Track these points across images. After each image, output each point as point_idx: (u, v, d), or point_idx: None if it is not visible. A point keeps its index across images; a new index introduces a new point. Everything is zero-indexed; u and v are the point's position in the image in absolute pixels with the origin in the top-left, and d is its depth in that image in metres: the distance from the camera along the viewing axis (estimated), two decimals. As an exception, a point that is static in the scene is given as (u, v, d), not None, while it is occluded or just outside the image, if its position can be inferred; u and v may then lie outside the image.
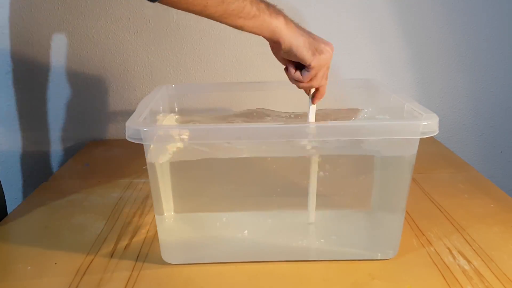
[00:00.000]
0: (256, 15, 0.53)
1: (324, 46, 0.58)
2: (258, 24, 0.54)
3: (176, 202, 0.62)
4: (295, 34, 0.56)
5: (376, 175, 0.62)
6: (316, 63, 0.58)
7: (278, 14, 0.55)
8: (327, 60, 0.59)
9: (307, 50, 0.57)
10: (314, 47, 0.57)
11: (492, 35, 1.07)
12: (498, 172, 1.19)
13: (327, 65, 0.61)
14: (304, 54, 0.57)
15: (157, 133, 0.52)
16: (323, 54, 0.58)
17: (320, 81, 0.62)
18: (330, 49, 0.59)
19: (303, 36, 0.57)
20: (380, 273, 0.57)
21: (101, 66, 1.07)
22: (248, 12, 0.52)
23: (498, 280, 0.55)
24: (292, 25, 0.57)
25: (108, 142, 1.09)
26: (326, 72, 0.62)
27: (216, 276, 0.57)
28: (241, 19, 0.52)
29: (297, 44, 0.56)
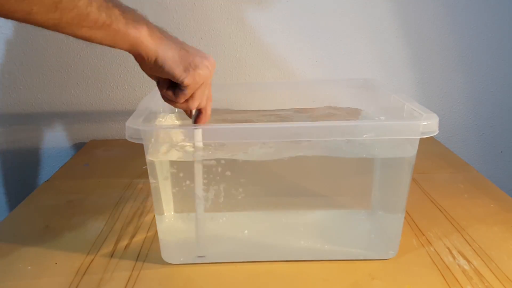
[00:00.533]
0: (106, 24, 0.42)
1: (200, 60, 0.49)
2: (111, 35, 0.43)
3: (176, 202, 0.62)
4: (162, 45, 0.47)
5: (376, 175, 0.63)
6: (190, 80, 0.49)
7: (138, 22, 0.45)
8: (205, 77, 0.50)
9: (177, 65, 0.48)
10: (187, 62, 0.49)
11: (492, 35, 1.07)
12: (498, 172, 1.19)
13: (206, 83, 0.52)
14: (173, 70, 0.48)
15: (157, 133, 0.52)
16: (199, 70, 0.49)
17: (199, 101, 0.53)
18: (209, 64, 0.51)
19: (172, 48, 0.48)
20: (380, 273, 0.57)
21: (101, 66, 1.07)
22: (94, 20, 0.41)
23: (498, 280, 0.55)
24: (158, 35, 0.47)
25: (108, 142, 1.09)
26: (206, 91, 0.53)
27: (216, 276, 0.57)
28: (85, 29, 0.42)
29: (163, 58, 0.47)
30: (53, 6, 0.38)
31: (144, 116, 0.56)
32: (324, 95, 0.79)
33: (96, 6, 0.41)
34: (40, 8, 0.38)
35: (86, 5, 0.40)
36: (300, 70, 1.08)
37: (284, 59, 1.07)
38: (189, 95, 0.51)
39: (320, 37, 1.06)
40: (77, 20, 0.41)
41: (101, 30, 0.43)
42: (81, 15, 0.40)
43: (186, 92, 0.50)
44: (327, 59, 1.08)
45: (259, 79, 1.08)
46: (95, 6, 0.41)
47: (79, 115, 1.11)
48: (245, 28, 1.04)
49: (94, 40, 0.44)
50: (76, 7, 0.39)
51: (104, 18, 0.42)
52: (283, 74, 1.08)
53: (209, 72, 0.51)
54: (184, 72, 0.48)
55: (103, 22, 0.42)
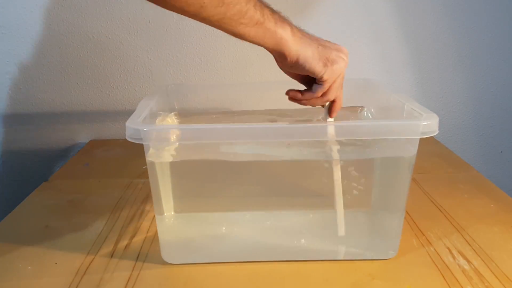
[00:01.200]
0: (259, 22, 0.46)
1: (336, 54, 0.52)
2: (261, 32, 0.47)
3: (176, 202, 0.62)
4: (303, 44, 0.50)
5: (376, 175, 0.62)
6: (328, 75, 0.51)
7: (283, 23, 0.49)
8: (341, 70, 0.53)
9: (317, 62, 0.50)
10: (325, 57, 0.51)
11: (492, 35, 1.07)
12: (498, 172, 1.19)
13: (342, 75, 0.54)
14: (314, 67, 0.50)
15: (157, 133, 0.52)
16: (336, 64, 0.51)
17: (335, 92, 0.55)
18: (344, 56, 0.53)
19: (311, 46, 0.51)
20: (380, 273, 0.57)
21: (101, 66, 1.07)
22: (251, 17, 0.45)
23: (498, 280, 0.55)
24: (299, 34, 0.50)
25: (108, 142, 1.09)
26: (341, 81, 0.55)
27: (216, 276, 0.57)
28: (242, 26, 0.45)
29: (305, 56, 0.50)
30: (220, 1, 0.43)
31: (144, 116, 0.56)
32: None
33: (253, 4, 0.45)
34: (211, 2, 0.42)
35: (246, 2, 0.44)
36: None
37: (284, 59, 1.07)
38: (326, 89, 0.54)
39: (320, 37, 1.06)
40: (238, 16, 0.45)
41: (255, 28, 0.46)
42: (242, 11, 0.44)
43: (325, 87, 0.53)
44: (327, 59, 1.08)
45: (259, 79, 1.08)
46: (252, 4, 0.45)
47: (79, 115, 1.11)
48: (245, 28, 1.04)
49: (248, 37, 0.47)
50: (239, 3, 0.44)
51: (258, 16, 0.46)
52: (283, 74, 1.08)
53: (345, 63, 0.53)
54: (323, 67, 0.51)
55: (258, 20, 0.46)
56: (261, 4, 0.46)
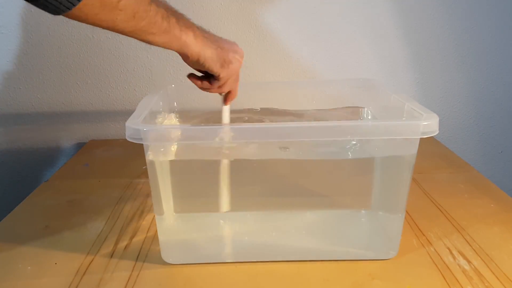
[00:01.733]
0: (166, 31, 0.52)
1: (233, 56, 0.59)
2: (168, 39, 0.53)
3: (176, 202, 0.62)
4: (203, 46, 0.56)
5: (376, 175, 0.63)
6: (224, 74, 0.59)
7: (187, 28, 0.55)
8: (236, 69, 0.61)
9: (215, 62, 0.58)
10: (222, 59, 0.58)
11: (492, 35, 1.07)
12: (498, 172, 1.19)
13: (237, 72, 0.62)
14: (212, 67, 0.58)
15: (157, 133, 0.52)
16: (232, 64, 0.59)
17: (230, 86, 0.63)
18: (240, 57, 0.60)
19: (211, 48, 0.57)
20: (380, 273, 0.57)
21: (101, 66, 1.07)
22: (159, 27, 0.51)
23: (498, 280, 0.55)
24: (200, 37, 0.56)
25: (108, 142, 1.09)
26: (236, 77, 0.63)
27: (216, 276, 0.57)
28: (151, 35, 0.51)
29: (204, 57, 0.56)
30: (131, 16, 0.47)
31: (144, 116, 0.56)
32: (324, 95, 0.79)
33: (160, 16, 0.50)
34: (123, 17, 0.47)
35: (154, 15, 0.49)
36: (300, 70, 1.08)
37: (284, 59, 1.07)
38: (222, 83, 0.61)
39: (321, 37, 1.06)
40: (147, 28, 0.50)
41: (162, 36, 0.52)
42: (151, 23, 0.50)
43: (221, 82, 0.61)
44: (327, 59, 1.08)
45: (259, 79, 1.08)
46: (159, 16, 0.50)
47: (79, 115, 1.11)
48: (245, 28, 1.04)
49: (157, 43, 0.53)
50: (148, 16, 0.49)
51: (165, 25, 0.51)
52: (283, 74, 1.08)
53: (239, 64, 0.61)
54: (221, 68, 0.58)
55: (165, 29, 0.51)
56: (167, 14, 0.52)
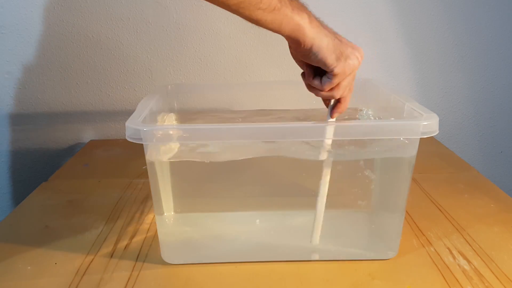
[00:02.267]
0: (277, 8, 0.46)
1: (351, 51, 0.51)
2: (278, 19, 0.46)
3: (176, 202, 0.62)
4: (319, 34, 0.49)
5: (376, 175, 0.62)
6: (340, 69, 0.51)
7: (301, 10, 0.48)
8: (354, 68, 0.52)
9: (331, 54, 0.49)
10: (339, 51, 0.50)
11: (492, 35, 1.07)
12: (498, 172, 1.19)
13: (353, 74, 0.53)
14: (326, 58, 0.49)
15: (157, 133, 0.52)
16: (350, 60, 0.51)
17: (343, 91, 0.54)
18: (359, 55, 0.52)
19: (328, 36, 0.50)
20: (380, 273, 0.57)
21: (101, 66, 1.07)
22: (269, 3, 0.45)
23: (498, 280, 0.55)
24: (316, 23, 0.50)
25: (108, 142, 1.09)
26: (351, 82, 0.54)
27: (216, 276, 0.57)
28: (259, 11, 0.45)
29: (319, 45, 0.49)
30: None
31: (144, 116, 0.56)
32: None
33: None
34: None
35: None
36: (300, 70, 1.08)
37: (284, 59, 1.07)
38: (335, 84, 0.52)
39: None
40: (256, 1, 0.44)
41: (272, 13, 0.46)
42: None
43: (334, 81, 0.52)
44: (327, 59, 1.08)
45: (259, 79, 1.08)
46: None
47: (79, 115, 1.11)
48: (245, 28, 1.04)
49: (265, 22, 0.47)
50: None
51: (276, 2, 0.46)
52: (283, 74, 1.08)
53: (358, 63, 0.52)
54: (336, 61, 0.50)
55: (275, 6, 0.46)
56: None
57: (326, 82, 0.52)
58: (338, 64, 0.50)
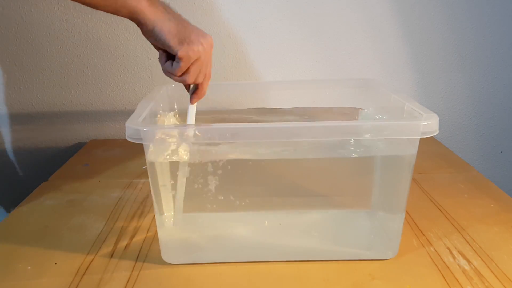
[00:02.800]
0: None
1: (196, 37, 0.53)
2: (111, 3, 0.48)
3: (176, 202, 0.62)
4: (162, 18, 0.51)
5: (376, 175, 0.62)
6: (183, 53, 0.52)
7: None
8: (199, 53, 0.54)
9: (173, 36, 0.51)
10: (182, 36, 0.52)
11: (492, 35, 1.07)
12: (498, 172, 1.19)
13: (203, 60, 0.55)
14: (169, 40, 0.52)
15: (157, 133, 0.52)
16: (193, 45, 0.52)
17: (195, 77, 0.56)
18: (205, 41, 0.54)
19: (172, 21, 0.52)
20: (380, 273, 0.57)
21: (101, 66, 1.07)
22: None
23: (498, 280, 0.55)
24: (160, 8, 0.51)
25: (108, 142, 1.09)
26: (204, 68, 0.57)
27: (216, 276, 0.57)
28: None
29: (161, 27, 0.51)
30: None
31: (144, 116, 0.56)
32: (324, 95, 0.79)
33: None
34: None
35: None
36: (300, 70, 1.08)
37: (284, 59, 1.07)
38: (184, 69, 0.54)
39: (321, 37, 1.06)
40: None
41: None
42: None
43: (181, 65, 0.54)
44: (327, 59, 1.08)
45: (259, 79, 1.08)
46: None
47: (79, 115, 1.11)
48: (245, 28, 1.04)
49: (98, 7, 0.48)
50: None
51: None
52: (283, 74, 1.08)
53: (204, 49, 0.54)
54: (179, 44, 0.52)
55: None
56: None
57: (175, 66, 0.54)
58: (181, 48, 0.52)
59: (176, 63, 0.54)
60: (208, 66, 0.57)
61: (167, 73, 0.57)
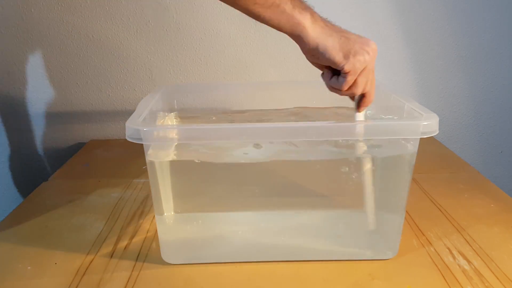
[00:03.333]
0: (275, 5, 0.46)
1: (360, 47, 0.51)
2: (277, 15, 0.46)
3: (176, 202, 0.62)
4: (323, 33, 0.49)
5: (376, 175, 0.62)
6: (350, 67, 0.51)
7: (303, 9, 0.48)
8: (366, 63, 0.52)
9: (337, 52, 0.50)
10: (346, 49, 0.50)
11: (492, 35, 1.07)
12: (498, 172, 1.19)
13: (368, 69, 0.53)
14: (334, 57, 0.50)
15: (157, 133, 0.52)
16: (359, 56, 0.51)
17: (362, 87, 0.54)
18: (370, 49, 0.52)
19: (333, 36, 0.50)
20: (380, 273, 0.57)
21: (101, 66, 1.07)
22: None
23: (498, 280, 0.55)
24: (321, 23, 0.50)
25: (108, 142, 1.09)
26: (370, 76, 0.55)
27: (216, 276, 0.57)
28: (256, 6, 0.45)
29: (324, 45, 0.49)
30: None
31: (144, 116, 0.56)
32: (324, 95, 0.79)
33: None
34: None
35: None
36: (300, 70, 1.08)
37: (284, 59, 1.07)
38: (351, 82, 0.53)
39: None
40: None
41: (270, 10, 0.46)
42: None
43: (348, 79, 0.52)
44: (327, 59, 1.08)
45: (259, 79, 1.08)
46: None
47: (79, 115, 1.11)
48: (245, 28, 1.04)
49: (263, 19, 0.47)
50: None
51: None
52: (283, 74, 1.08)
53: (370, 57, 0.52)
54: (344, 59, 0.50)
55: (273, 2, 0.46)
56: None
57: (342, 81, 0.52)
58: (347, 62, 0.50)
59: (342, 78, 0.52)
60: (373, 73, 0.56)
61: (333, 89, 0.55)
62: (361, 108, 0.58)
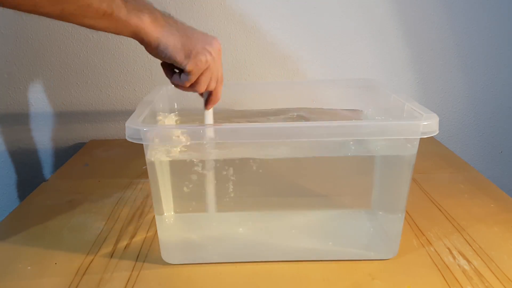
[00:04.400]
0: (107, 14, 0.44)
1: (202, 47, 0.51)
2: (113, 23, 0.45)
3: (176, 202, 0.62)
4: (164, 33, 0.49)
5: (376, 175, 0.62)
6: (191, 66, 0.51)
7: (140, 11, 0.47)
8: (208, 63, 0.52)
9: (178, 51, 0.50)
10: (188, 49, 0.50)
11: (492, 35, 1.07)
12: (498, 172, 1.19)
13: (211, 68, 0.54)
14: (175, 57, 0.50)
15: (157, 133, 0.52)
16: (201, 56, 0.51)
17: (204, 85, 0.55)
18: (212, 50, 0.52)
19: (175, 35, 0.50)
20: (380, 273, 0.57)
21: (101, 66, 1.07)
22: (96, 10, 0.43)
23: (498, 280, 0.55)
24: (162, 21, 0.49)
25: (108, 142, 1.09)
26: (215, 75, 0.55)
27: (216, 276, 0.57)
28: (87, 19, 0.44)
29: (166, 44, 0.49)
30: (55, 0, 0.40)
31: (144, 116, 0.56)
32: (324, 95, 0.79)
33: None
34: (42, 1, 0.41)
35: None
36: (300, 70, 1.08)
37: (284, 59, 1.07)
38: (193, 80, 0.53)
39: (321, 37, 1.06)
40: (80, 11, 0.43)
41: (103, 20, 0.45)
42: (83, 6, 0.42)
43: (190, 78, 0.52)
44: (327, 59, 1.08)
45: (259, 79, 1.08)
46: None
47: (79, 115, 1.11)
48: (245, 28, 1.04)
49: (99, 28, 0.46)
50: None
51: (105, 8, 0.44)
52: (283, 74, 1.08)
53: (212, 57, 0.52)
54: (185, 59, 0.50)
55: (104, 12, 0.44)
56: None
57: (184, 78, 0.53)
58: (188, 62, 0.51)
59: (184, 76, 0.53)
60: (219, 71, 0.56)
61: (176, 85, 0.55)
62: (209, 106, 0.59)
